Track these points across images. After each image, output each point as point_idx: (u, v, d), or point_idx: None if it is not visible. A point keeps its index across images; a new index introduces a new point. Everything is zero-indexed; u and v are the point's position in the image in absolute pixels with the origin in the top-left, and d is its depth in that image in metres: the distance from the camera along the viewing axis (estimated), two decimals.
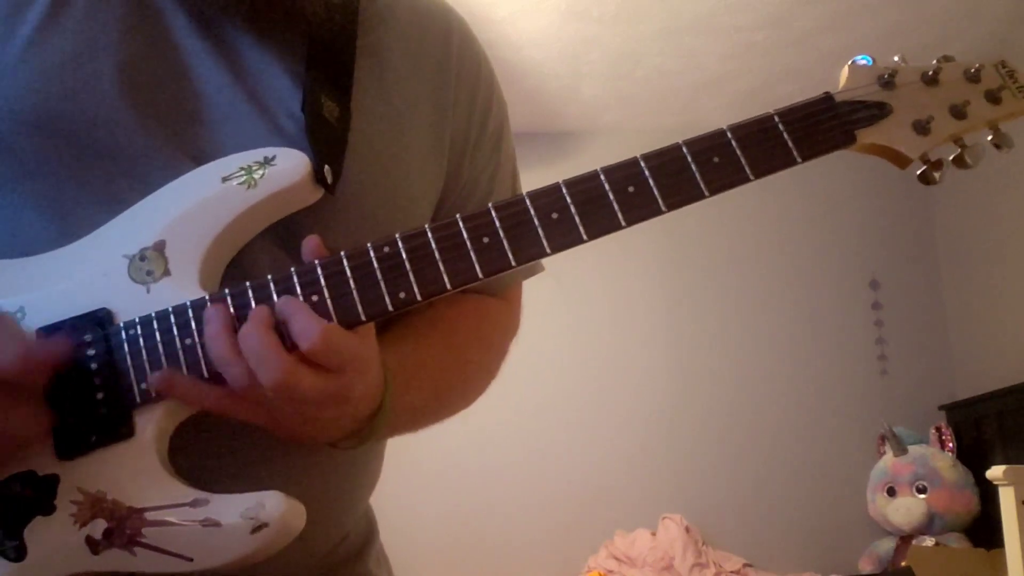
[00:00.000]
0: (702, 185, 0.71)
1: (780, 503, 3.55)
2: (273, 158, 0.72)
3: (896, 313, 3.75)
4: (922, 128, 0.76)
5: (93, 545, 0.66)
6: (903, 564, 2.97)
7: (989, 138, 0.78)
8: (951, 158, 0.78)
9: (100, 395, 0.67)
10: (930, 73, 0.77)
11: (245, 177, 0.71)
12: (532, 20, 3.13)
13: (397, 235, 0.69)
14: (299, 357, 0.63)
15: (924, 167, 0.78)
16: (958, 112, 0.77)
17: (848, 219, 3.70)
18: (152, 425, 0.68)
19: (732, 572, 3.34)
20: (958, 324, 3.70)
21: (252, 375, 0.62)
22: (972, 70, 0.78)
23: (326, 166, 0.72)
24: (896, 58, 0.78)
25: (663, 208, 0.70)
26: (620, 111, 3.74)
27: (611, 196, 0.70)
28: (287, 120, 0.76)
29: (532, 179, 1.12)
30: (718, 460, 3.60)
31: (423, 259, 0.68)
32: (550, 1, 3.03)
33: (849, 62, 0.77)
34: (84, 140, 0.72)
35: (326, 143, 0.74)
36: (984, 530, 3.08)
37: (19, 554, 0.66)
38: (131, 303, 0.69)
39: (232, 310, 0.67)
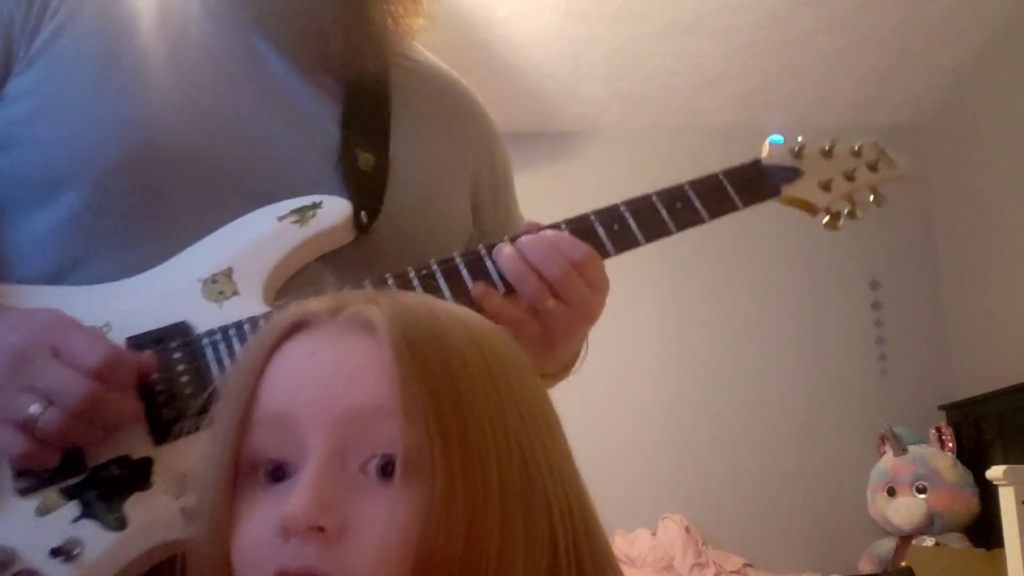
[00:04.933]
0: (669, 224, 0.92)
1: (780, 503, 3.55)
2: (320, 203, 0.85)
3: (896, 313, 3.75)
4: (825, 187, 1.01)
5: (188, 515, 0.73)
6: (903, 564, 2.97)
7: (871, 198, 1.03)
8: (846, 211, 1.03)
9: (188, 390, 0.78)
10: (826, 148, 1.02)
11: (297, 218, 0.85)
12: (532, 20, 3.13)
13: (432, 260, 0.84)
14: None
15: (828, 216, 1.02)
16: (849, 176, 1.02)
17: (848, 219, 3.70)
18: None
19: (732, 572, 3.34)
20: (958, 324, 3.70)
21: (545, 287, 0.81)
22: (856, 147, 1.03)
23: (362, 211, 0.87)
24: (799, 138, 1.01)
25: (641, 241, 0.91)
26: (620, 111, 3.74)
27: (600, 231, 0.89)
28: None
29: (533, 179, 1.13)
30: (718, 460, 3.60)
31: (454, 276, 0.83)
32: (550, 1, 3.03)
33: (765, 141, 1.01)
34: (159, 186, 0.83)
35: (362, 191, 0.88)
36: (984, 530, 3.08)
37: (121, 525, 0.75)
38: (206, 317, 0.81)
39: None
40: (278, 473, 0.48)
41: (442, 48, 1.09)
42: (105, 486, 0.75)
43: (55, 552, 0.73)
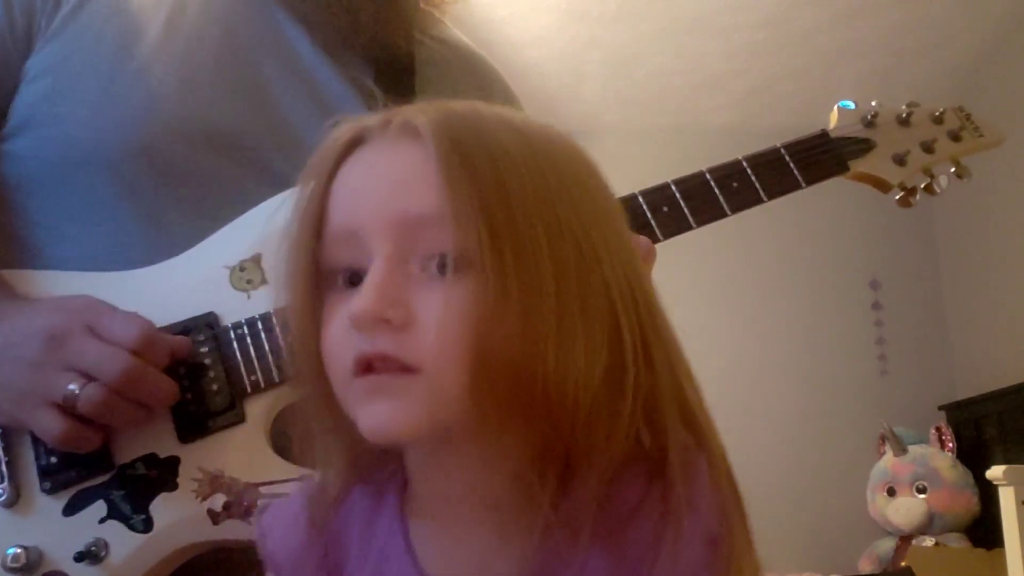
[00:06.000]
0: (724, 206, 0.84)
1: (780, 503, 3.55)
2: None
3: (896, 313, 3.75)
4: (900, 160, 0.91)
5: (213, 516, 0.74)
6: (903, 564, 2.97)
7: (952, 170, 0.93)
8: (922, 186, 0.93)
9: (215, 386, 0.77)
10: (903, 115, 0.92)
11: None
12: (532, 20, 3.13)
13: None
14: None
15: (902, 193, 0.93)
16: (928, 147, 0.91)
17: (848, 219, 3.70)
18: (261, 412, 0.77)
19: None
20: (958, 324, 3.70)
21: None
22: (937, 113, 0.93)
23: None
24: (874, 103, 0.92)
25: (693, 225, 0.84)
26: (620, 111, 3.74)
27: (648, 215, 0.83)
28: None
29: None
30: None
31: None
32: (550, 1, 3.04)
33: (836, 106, 0.91)
34: (182, 165, 0.82)
35: None
36: (984, 530, 3.08)
37: (147, 526, 0.74)
38: (234, 307, 0.79)
39: None
40: (355, 279, 0.51)
41: None
42: (131, 486, 0.75)
43: (81, 555, 0.72)
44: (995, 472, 2.42)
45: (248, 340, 0.77)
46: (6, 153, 0.84)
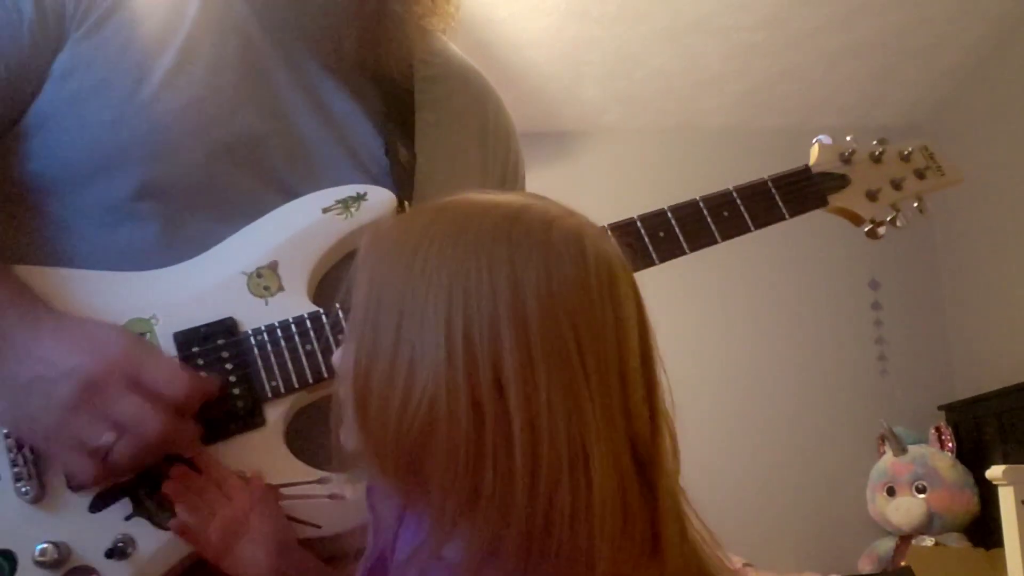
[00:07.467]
0: (715, 233, 0.91)
1: (780, 503, 3.55)
2: (365, 194, 0.86)
3: (896, 313, 3.75)
4: (872, 196, 1.00)
5: None
6: (903, 564, 2.97)
7: (915, 204, 1.03)
8: (888, 219, 1.03)
9: (236, 391, 0.80)
10: (876, 153, 1.01)
11: (342, 209, 0.85)
12: (532, 20, 3.13)
13: None
14: None
15: (871, 226, 1.02)
16: (897, 185, 1.01)
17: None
18: (279, 415, 0.81)
19: (732, 572, 3.34)
20: (958, 324, 3.70)
21: None
22: (905, 152, 1.02)
23: (406, 201, 0.88)
24: (848, 138, 1.00)
25: (687, 250, 0.90)
26: (620, 111, 3.74)
27: (646, 239, 0.88)
28: (371, 162, 0.91)
29: (532, 179, 1.13)
30: (717, 460, 3.59)
31: None
32: (550, 1, 3.04)
33: (814, 140, 0.99)
34: (201, 173, 0.84)
35: (403, 183, 0.90)
36: (983, 530, 3.08)
37: None
38: (252, 313, 0.82)
39: (345, 321, 0.79)
40: None
41: None
42: (156, 484, 0.77)
43: (111, 552, 0.75)
44: (995, 472, 2.43)
45: (268, 347, 0.81)
46: (26, 151, 0.85)
